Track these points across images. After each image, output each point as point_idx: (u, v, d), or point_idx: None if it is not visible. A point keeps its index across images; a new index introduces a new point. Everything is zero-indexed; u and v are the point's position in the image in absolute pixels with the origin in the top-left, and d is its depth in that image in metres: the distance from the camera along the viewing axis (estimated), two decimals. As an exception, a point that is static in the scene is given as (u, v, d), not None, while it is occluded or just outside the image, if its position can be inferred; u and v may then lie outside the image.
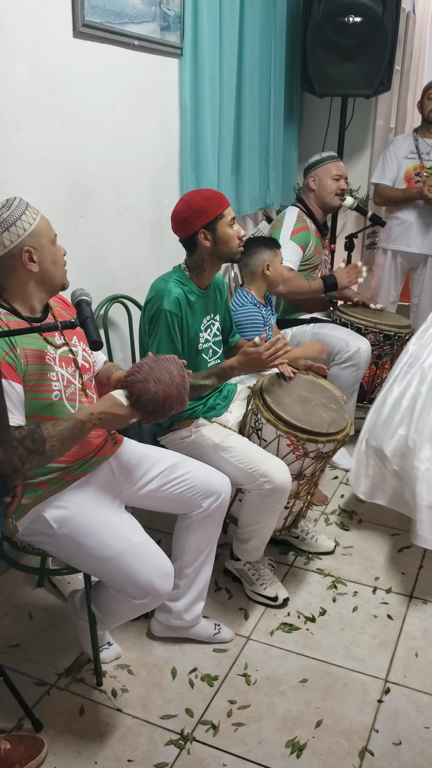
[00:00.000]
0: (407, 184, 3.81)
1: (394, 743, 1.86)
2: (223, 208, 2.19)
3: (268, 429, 2.23)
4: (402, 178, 3.83)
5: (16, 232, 1.66)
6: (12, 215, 1.67)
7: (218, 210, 2.18)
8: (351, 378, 3.11)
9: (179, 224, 2.21)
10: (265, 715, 1.94)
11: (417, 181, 3.77)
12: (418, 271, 4.00)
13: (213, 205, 2.17)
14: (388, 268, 4.00)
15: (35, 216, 1.71)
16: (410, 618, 2.33)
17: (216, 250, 2.21)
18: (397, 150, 3.84)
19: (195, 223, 2.17)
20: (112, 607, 1.87)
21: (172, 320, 2.15)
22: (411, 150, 3.81)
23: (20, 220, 1.67)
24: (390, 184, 3.85)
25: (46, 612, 2.32)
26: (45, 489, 1.79)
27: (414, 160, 3.79)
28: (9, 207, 1.68)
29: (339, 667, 2.12)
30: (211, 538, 2.12)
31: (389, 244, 3.97)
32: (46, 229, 1.73)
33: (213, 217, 2.17)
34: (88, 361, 1.92)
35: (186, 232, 2.20)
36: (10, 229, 1.66)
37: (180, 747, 1.84)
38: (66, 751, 1.82)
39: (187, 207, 2.17)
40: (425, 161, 3.77)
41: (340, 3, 3.46)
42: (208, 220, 2.17)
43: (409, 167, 3.81)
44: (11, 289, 1.72)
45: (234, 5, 3.02)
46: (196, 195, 2.20)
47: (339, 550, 2.68)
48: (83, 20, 2.23)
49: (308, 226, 3.23)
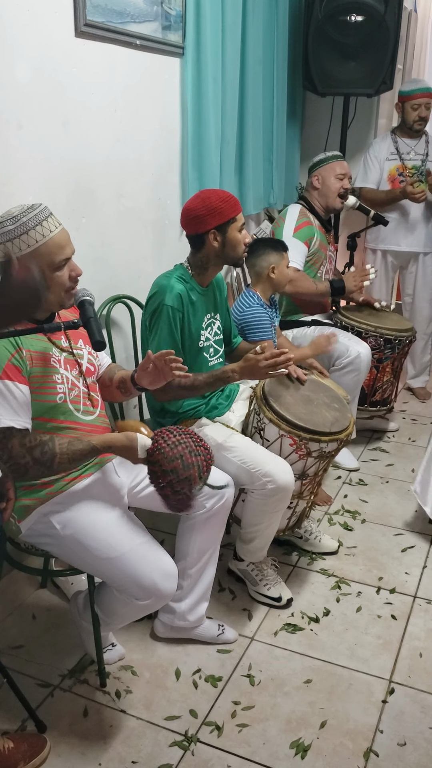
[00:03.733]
0: (391, 185, 3.83)
1: (398, 744, 1.86)
2: (237, 212, 2.20)
3: (271, 429, 2.23)
4: (386, 180, 3.85)
5: (12, 249, 1.63)
6: (17, 229, 1.63)
7: (232, 213, 2.18)
8: (352, 383, 3.10)
9: (191, 221, 2.20)
10: (269, 716, 1.94)
11: (401, 182, 3.79)
12: (408, 269, 4.01)
13: (228, 208, 2.17)
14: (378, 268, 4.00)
15: (41, 237, 1.64)
16: (414, 618, 2.33)
17: (222, 252, 2.21)
18: (378, 153, 3.86)
19: (208, 222, 2.17)
20: (116, 609, 1.86)
21: (174, 316, 2.14)
22: (391, 151, 3.82)
23: (19, 238, 1.62)
24: (374, 187, 3.87)
25: (50, 613, 2.32)
26: (48, 490, 1.79)
27: (395, 161, 3.82)
28: (16, 220, 1.63)
29: (343, 668, 2.11)
30: (214, 538, 2.12)
31: (378, 245, 3.98)
32: (49, 253, 1.66)
33: (226, 219, 2.17)
34: (93, 364, 1.91)
35: (196, 230, 2.20)
36: (7, 244, 1.63)
37: (184, 748, 1.83)
38: (70, 753, 1.81)
39: (202, 205, 2.17)
40: (406, 161, 3.79)
41: (342, 2, 3.45)
42: (221, 221, 2.17)
43: (392, 168, 3.83)
44: None
45: (236, 4, 3.01)
46: (212, 194, 2.20)
47: (342, 551, 2.67)
48: (85, 20, 2.22)
49: (311, 221, 3.23)
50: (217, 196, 2.19)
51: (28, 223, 1.63)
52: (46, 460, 1.65)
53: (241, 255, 2.26)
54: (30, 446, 1.65)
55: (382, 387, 3.42)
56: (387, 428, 3.71)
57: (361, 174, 3.90)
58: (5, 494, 1.49)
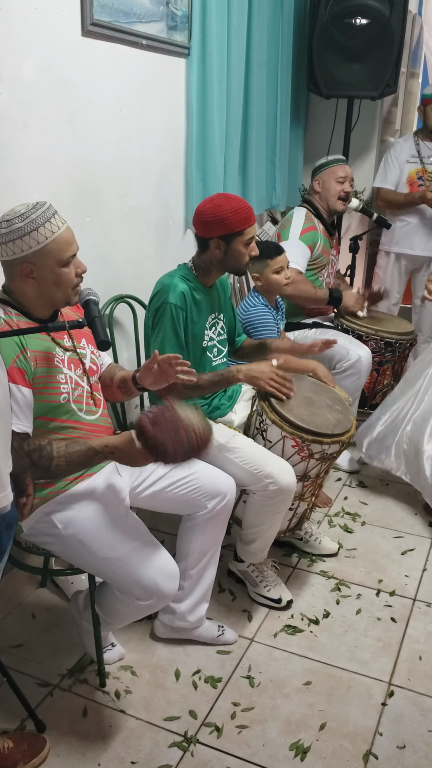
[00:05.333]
0: (410, 188, 3.82)
1: (398, 747, 1.86)
2: (247, 226, 2.16)
3: (273, 430, 2.23)
4: (405, 182, 3.84)
5: (21, 246, 1.62)
6: (26, 227, 1.62)
7: (241, 226, 2.14)
8: (352, 386, 3.10)
9: (199, 223, 2.19)
10: (268, 717, 1.94)
11: (420, 185, 3.78)
12: (422, 272, 4.00)
13: (238, 221, 2.13)
14: (390, 271, 4.00)
15: (50, 234, 1.64)
16: (414, 621, 2.33)
17: (224, 260, 2.20)
18: (399, 154, 3.85)
19: (213, 230, 2.15)
20: (117, 609, 1.86)
21: (177, 314, 2.14)
22: (412, 154, 3.82)
23: (29, 235, 1.62)
24: (392, 188, 3.86)
25: (49, 612, 2.31)
26: (50, 489, 1.79)
27: (416, 164, 3.80)
28: (25, 218, 1.62)
29: (343, 670, 2.11)
30: (215, 539, 2.12)
31: (392, 247, 3.97)
32: (58, 249, 1.66)
33: (232, 231, 2.14)
34: (96, 364, 1.91)
35: (202, 233, 2.19)
36: (16, 241, 1.62)
37: (184, 749, 1.83)
38: (69, 753, 1.81)
39: (212, 212, 2.14)
40: (427, 165, 3.78)
41: (347, 4, 3.46)
42: (226, 232, 2.14)
43: (411, 171, 3.82)
44: (17, 291, 1.72)
45: (242, 6, 3.01)
46: (226, 203, 2.15)
47: (342, 553, 2.67)
48: (92, 19, 2.22)
49: (316, 226, 3.23)
50: (230, 206, 2.14)
51: (36, 221, 1.63)
52: (43, 463, 1.64)
53: (243, 267, 2.25)
54: (28, 450, 1.64)
55: (382, 390, 3.42)
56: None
57: (381, 174, 3.89)
58: (24, 489, 1.49)
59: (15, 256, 1.64)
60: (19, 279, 1.68)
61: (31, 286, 1.68)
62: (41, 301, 1.73)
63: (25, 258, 1.64)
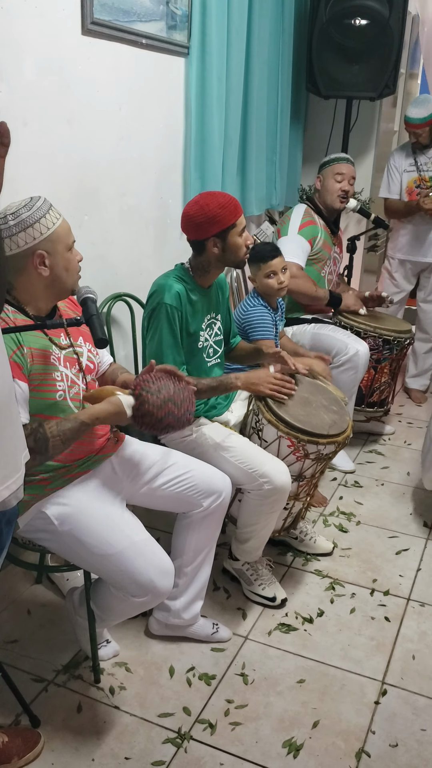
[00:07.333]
0: (409, 197, 3.85)
1: (390, 745, 1.87)
2: (237, 218, 2.16)
3: (269, 430, 2.24)
4: (404, 191, 3.87)
5: (32, 234, 1.65)
6: (32, 216, 1.65)
7: (232, 219, 2.15)
8: (349, 381, 3.11)
9: (190, 227, 2.18)
10: (262, 714, 1.95)
11: (418, 193, 3.81)
12: (426, 273, 4.03)
13: (228, 215, 2.14)
14: (396, 271, 4.03)
15: (55, 220, 1.69)
16: (407, 620, 2.34)
17: (223, 257, 2.20)
18: (398, 164, 3.88)
19: (207, 231, 2.14)
20: (112, 605, 1.87)
21: (173, 314, 2.14)
22: (410, 163, 3.85)
23: (39, 222, 1.65)
24: (396, 197, 3.89)
25: (44, 608, 2.32)
26: (46, 486, 1.79)
27: (413, 173, 3.84)
28: (30, 207, 1.66)
29: (336, 669, 2.12)
30: (210, 537, 2.13)
31: (396, 254, 4.00)
32: (65, 235, 1.71)
33: (226, 226, 2.14)
34: (93, 362, 1.92)
35: (196, 237, 2.18)
36: (27, 230, 1.64)
37: (177, 745, 1.84)
38: (63, 748, 1.82)
39: (201, 213, 2.13)
40: (424, 172, 3.80)
41: (347, 5, 3.47)
42: (220, 228, 2.14)
43: (410, 181, 3.85)
44: (20, 288, 1.72)
45: (242, 6, 3.02)
46: (211, 201, 2.14)
47: (337, 552, 2.68)
48: (92, 18, 2.23)
49: (315, 221, 3.24)
50: (216, 202, 2.14)
51: (41, 208, 1.67)
52: (40, 447, 1.65)
53: (243, 258, 2.25)
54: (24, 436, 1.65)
55: (379, 388, 3.43)
56: (383, 431, 3.73)
57: (385, 185, 3.93)
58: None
59: (27, 245, 1.65)
60: (30, 269, 1.69)
61: (43, 274, 1.70)
62: (50, 291, 1.75)
63: (37, 246, 1.66)
